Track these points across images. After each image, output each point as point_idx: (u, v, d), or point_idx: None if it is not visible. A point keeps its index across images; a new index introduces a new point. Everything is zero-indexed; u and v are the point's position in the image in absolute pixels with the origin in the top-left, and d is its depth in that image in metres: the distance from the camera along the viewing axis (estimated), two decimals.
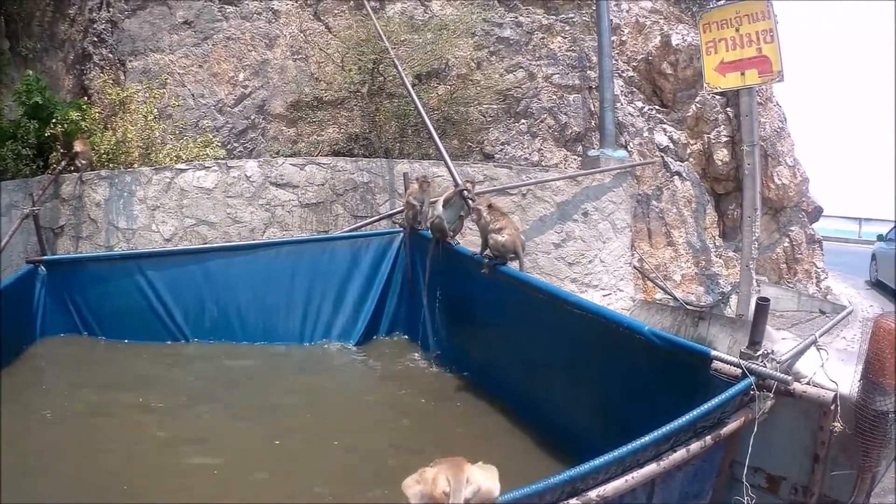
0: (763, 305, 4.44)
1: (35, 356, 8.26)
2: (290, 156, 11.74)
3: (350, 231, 10.20)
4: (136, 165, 11.06)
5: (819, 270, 15.53)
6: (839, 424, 4.20)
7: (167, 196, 10.52)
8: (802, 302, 13.93)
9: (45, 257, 8.83)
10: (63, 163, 10.60)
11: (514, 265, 7.27)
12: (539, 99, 13.35)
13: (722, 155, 14.22)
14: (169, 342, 8.96)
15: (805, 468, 4.38)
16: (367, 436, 6.66)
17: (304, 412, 7.12)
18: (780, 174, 14.63)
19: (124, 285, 8.92)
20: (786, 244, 15.10)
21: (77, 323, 8.89)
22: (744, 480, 4.26)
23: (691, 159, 14.36)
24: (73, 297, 8.84)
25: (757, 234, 11.67)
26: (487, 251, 7.36)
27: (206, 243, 10.31)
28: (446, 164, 9.19)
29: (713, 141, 14.29)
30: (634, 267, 11.95)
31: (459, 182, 8.43)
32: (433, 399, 7.42)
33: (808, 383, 4.35)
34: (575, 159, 12.90)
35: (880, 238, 21.58)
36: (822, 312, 13.18)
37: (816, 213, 16.50)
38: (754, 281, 11.88)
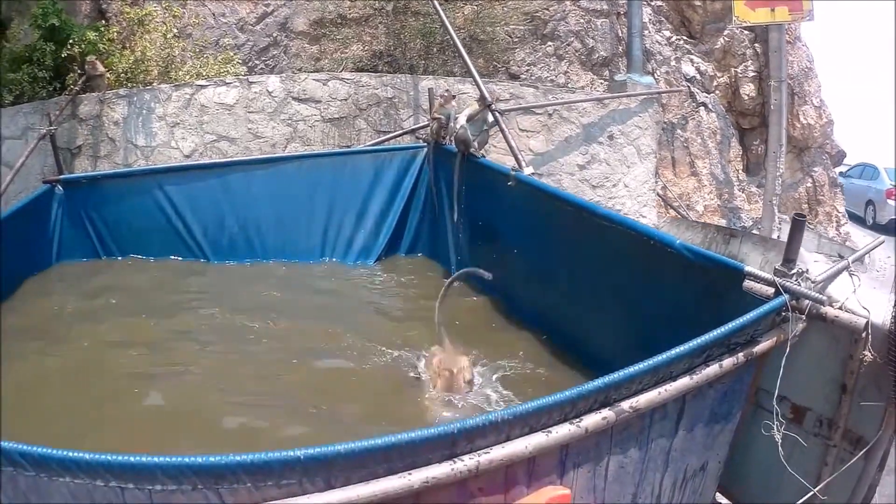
0: (800, 221, 4.26)
1: (51, 276, 8.23)
2: (312, 72, 11.57)
3: (373, 145, 10.06)
4: (155, 84, 10.92)
5: (840, 215, 15.37)
6: (870, 353, 4.06)
7: (187, 113, 10.40)
8: (822, 244, 13.74)
9: (62, 177, 8.68)
10: (80, 83, 10.48)
11: None
12: (566, 22, 13.11)
13: (749, 90, 14.04)
14: (188, 259, 8.90)
15: (832, 400, 4.27)
16: (387, 350, 6.59)
17: (324, 328, 7.02)
18: (806, 114, 14.44)
19: (143, 202, 8.82)
20: (808, 184, 14.92)
21: (94, 242, 8.81)
22: (774, 404, 4.11)
23: (717, 91, 14.18)
24: (90, 215, 8.74)
25: (781, 171, 11.58)
26: (514, 164, 7.24)
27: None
28: (473, 76, 9.07)
29: (740, 75, 14.10)
30: (658, 194, 11.84)
31: (486, 94, 8.28)
32: (454, 316, 7.34)
33: (839, 308, 4.17)
34: (601, 83, 12.75)
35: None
36: (841, 257, 12.97)
37: (839, 157, 16.35)
38: (776, 217, 11.75)
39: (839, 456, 4.28)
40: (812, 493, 4.16)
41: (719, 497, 5.01)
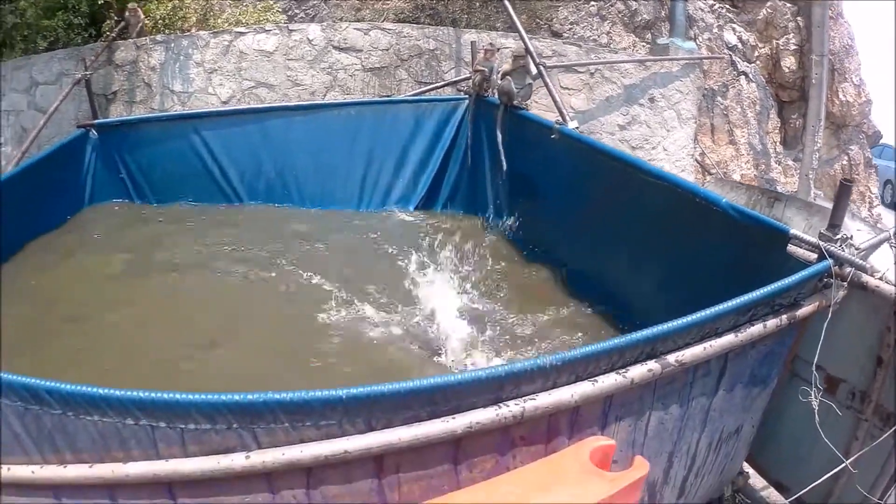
0: (847, 186, 4.20)
1: (82, 220, 8.21)
2: (354, 21, 11.47)
3: (414, 96, 9.96)
4: (192, 31, 10.88)
5: (873, 196, 15.20)
6: None
7: (225, 59, 10.37)
8: (854, 223, 13.67)
9: (96, 121, 8.64)
10: (117, 29, 10.44)
11: None
12: None
13: (789, 62, 13.85)
14: (223, 204, 8.88)
15: (867, 372, 4.20)
16: (414, 299, 6.60)
17: (359, 274, 7.06)
18: (846, 91, 14.24)
19: (178, 147, 8.79)
20: (844, 162, 14.75)
21: (128, 186, 8.82)
22: (814, 371, 4.10)
23: (758, 62, 14.00)
24: (124, 160, 8.72)
25: (819, 145, 11.49)
26: (558, 117, 7.17)
27: None
28: (518, 30, 9.01)
29: (781, 48, 13.91)
30: (696, 160, 11.74)
31: (530, 47, 8.18)
32: (491, 266, 7.33)
33: (880, 279, 4.09)
34: (644, 46, 12.60)
35: None
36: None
37: (876, 137, 16.13)
38: (812, 192, 11.65)
39: (869, 431, 4.23)
40: (843, 465, 4.12)
41: (745, 466, 5.02)
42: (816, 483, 4.20)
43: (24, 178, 7.16)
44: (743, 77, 13.39)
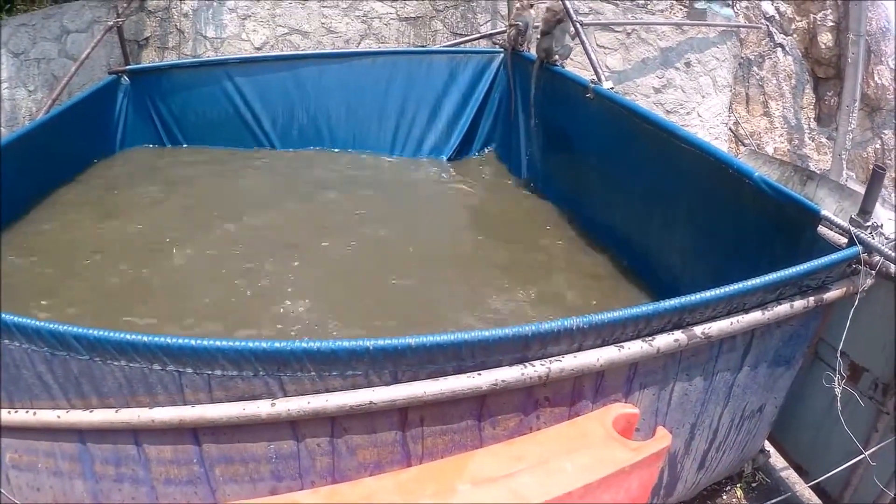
0: (880, 173, 4.09)
1: (113, 165, 8.28)
2: None
3: (449, 47, 9.90)
4: None
5: None
6: None
7: (259, 5, 10.28)
8: (886, 212, 13.53)
9: (128, 67, 8.65)
10: None
11: None
12: None
13: (826, 39, 13.65)
14: (255, 149, 8.94)
15: (890, 364, 4.14)
16: (448, 250, 6.67)
17: (388, 224, 7.07)
18: (881, 73, 14.02)
19: (211, 92, 8.82)
20: (877, 145, 14.57)
21: (160, 132, 8.90)
22: (838, 357, 4.06)
23: (795, 35, 13.82)
24: (156, 106, 8.78)
25: (853, 126, 11.34)
26: (593, 75, 7.11)
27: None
28: None
29: (818, 23, 13.72)
30: (730, 129, 11.66)
31: (568, 5, 8.10)
32: (520, 223, 7.35)
33: None
34: (681, 9, 12.43)
35: None
36: None
37: None
38: (844, 172, 11.55)
39: (890, 424, 4.20)
40: (862, 456, 4.10)
41: (766, 445, 5.02)
42: (835, 471, 4.19)
43: (56, 123, 7.20)
44: (780, 49, 13.23)
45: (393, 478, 3.10)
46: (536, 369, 3.14)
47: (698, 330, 3.48)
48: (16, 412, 3.27)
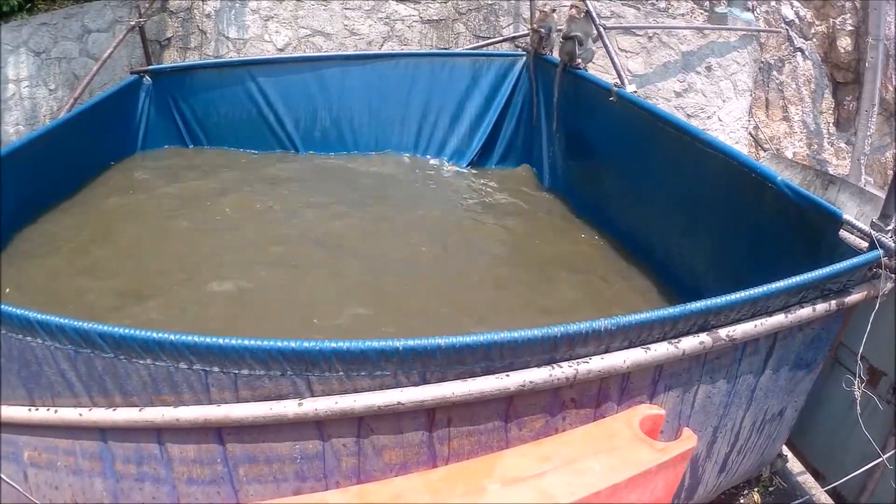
0: None
1: (133, 165, 8.32)
2: None
3: (472, 49, 9.89)
4: None
5: None
6: None
7: (282, 6, 10.30)
8: None
9: (150, 67, 8.70)
10: None
11: None
12: None
13: (845, 43, 13.61)
14: (278, 151, 8.98)
15: None
16: (467, 253, 6.71)
17: (406, 227, 7.16)
18: None
19: (233, 93, 8.84)
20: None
21: (182, 131, 8.92)
22: (858, 360, 4.05)
23: (814, 40, 13.80)
24: (178, 105, 8.81)
25: (872, 130, 11.31)
26: (616, 79, 7.13)
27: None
28: None
29: (838, 27, 13.68)
30: (750, 133, 11.64)
31: (591, 8, 8.11)
32: (542, 227, 7.36)
33: None
34: (702, 13, 12.43)
35: None
36: None
37: None
38: (863, 177, 11.51)
39: None
40: (879, 460, 4.09)
41: (784, 449, 5.03)
42: (851, 476, 4.18)
43: (77, 122, 7.23)
44: (799, 53, 13.21)
45: (422, 477, 3.12)
46: (564, 370, 3.16)
47: (723, 332, 3.49)
48: (37, 409, 3.30)
